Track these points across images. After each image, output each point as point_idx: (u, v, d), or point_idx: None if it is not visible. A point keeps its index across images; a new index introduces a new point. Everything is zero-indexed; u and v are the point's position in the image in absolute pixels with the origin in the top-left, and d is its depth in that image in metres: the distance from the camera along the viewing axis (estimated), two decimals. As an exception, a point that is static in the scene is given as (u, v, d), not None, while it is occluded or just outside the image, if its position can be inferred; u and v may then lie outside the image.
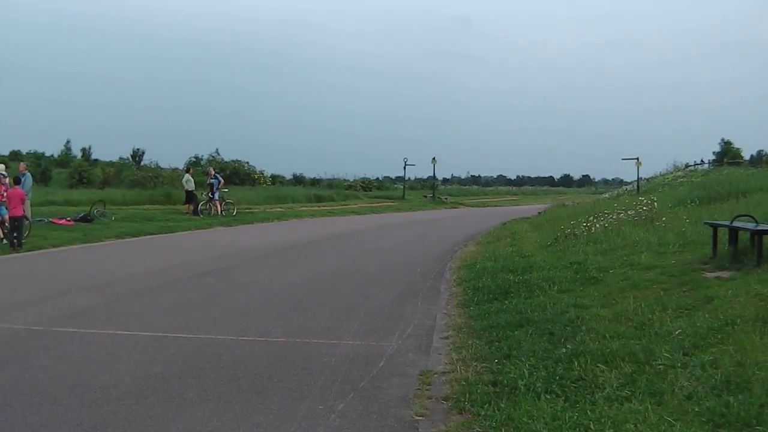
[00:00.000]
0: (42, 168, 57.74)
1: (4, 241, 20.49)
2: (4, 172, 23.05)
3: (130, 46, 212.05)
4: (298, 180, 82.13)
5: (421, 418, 6.32)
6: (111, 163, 68.77)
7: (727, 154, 76.42)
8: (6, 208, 20.43)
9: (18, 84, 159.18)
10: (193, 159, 68.80)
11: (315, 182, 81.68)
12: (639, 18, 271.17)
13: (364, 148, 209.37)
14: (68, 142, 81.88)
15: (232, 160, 68.34)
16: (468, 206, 69.26)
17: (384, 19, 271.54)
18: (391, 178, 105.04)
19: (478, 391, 6.71)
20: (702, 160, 62.69)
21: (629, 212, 20.99)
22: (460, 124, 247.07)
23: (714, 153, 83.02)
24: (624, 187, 55.91)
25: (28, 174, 25.45)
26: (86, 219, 29.19)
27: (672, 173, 50.23)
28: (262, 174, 70.34)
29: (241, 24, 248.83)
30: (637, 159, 46.86)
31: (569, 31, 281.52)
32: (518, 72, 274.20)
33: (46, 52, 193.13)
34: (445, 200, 72.05)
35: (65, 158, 74.85)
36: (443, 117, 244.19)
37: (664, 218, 19.12)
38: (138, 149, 74.79)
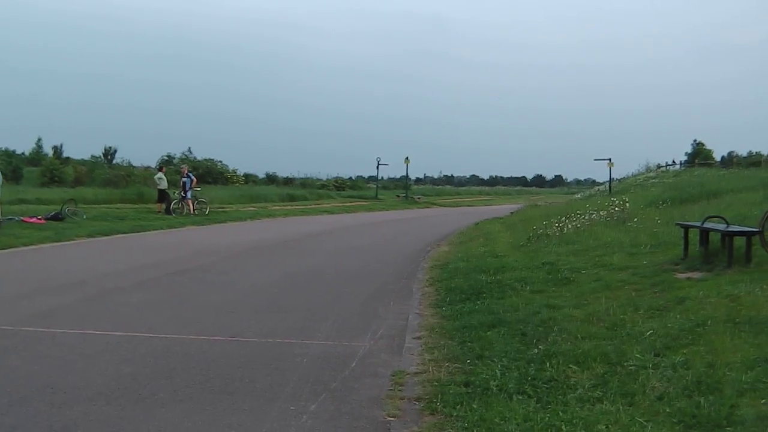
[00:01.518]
0: (13, 166, 57.43)
1: (-26, 239, 20.29)
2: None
3: (102, 43, 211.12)
4: (271, 179, 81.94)
5: (393, 419, 6.31)
6: (83, 162, 68.40)
7: (698, 155, 76.99)
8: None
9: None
10: (166, 157, 68.37)
11: (288, 181, 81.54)
12: (614, 18, 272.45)
13: (337, 147, 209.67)
14: (39, 140, 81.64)
15: (205, 159, 68.30)
16: (441, 206, 69.41)
17: (358, 20, 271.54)
18: (365, 178, 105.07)
19: (451, 391, 6.70)
20: (674, 161, 63.36)
21: (601, 213, 21.13)
22: (433, 123, 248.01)
23: (686, 154, 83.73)
24: (596, 188, 56.32)
25: (-1, 172, 25.27)
26: (57, 218, 28.94)
27: (644, 174, 50.69)
28: (235, 173, 70.34)
29: (216, 23, 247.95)
30: (609, 160, 47.17)
31: (544, 32, 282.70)
32: (492, 72, 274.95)
33: (17, 48, 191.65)
34: (418, 200, 72.22)
35: (36, 156, 74.54)
36: (416, 117, 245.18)
37: (636, 219, 19.27)
38: (110, 147, 74.69)
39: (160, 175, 38.36)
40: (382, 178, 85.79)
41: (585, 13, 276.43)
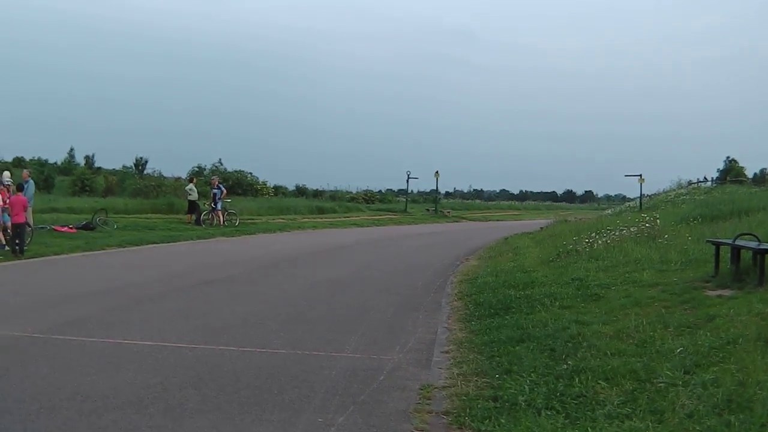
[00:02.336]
0: (45, 175, 57.89)
1: (7, 247, 20.46)
2: (8, 180, 23.11)
3: (134, 50, 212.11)
4: (300, 191, 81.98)
5: (421, 432, 6.31)
6: (114, 172, 68.93)
7: (730, 171, 76.31)
8: (9, 215, 20.45)
9: (22, 90, 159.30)
10: (196, 169, 68.67)
11: (318, 194, 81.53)
12: (647, 42, 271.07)
13: (367, 160, 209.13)
14: (72, 149, 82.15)
15: (235, 171, 68.33)
16: (470, 220, 69.22)
17: (394, 33, 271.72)
18: (394, 191, 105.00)
19: (479, 406, 6.70)
20: (705, 178, 62.80)
21: (632, 229, 20.96)
22: (463, 138, 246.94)
23: (718, 170, 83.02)
24: (627, 204, 55.92)
25: (31, 181, 25.55)
26: (88, 227, 29.20)
27: (675, 190, 50.31)
28: (265, 185, 70.37)
29: (246, 39, 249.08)
30: (640, 176, 46.97)
31: (585, 56, 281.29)
32: (522, 87, 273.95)
33: (52, 58, 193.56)
34: (447, 214, 71.96)
35: (68, 166, 74.97)
36: (447, 131, 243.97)
37: (666, 235, 19.11)
38: (141, 158, 74.87)
39: (190, 186, 38.54)
40: (411, 191, 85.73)
41: (617, 37, 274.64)
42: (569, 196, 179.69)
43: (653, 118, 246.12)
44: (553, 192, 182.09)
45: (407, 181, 76.28)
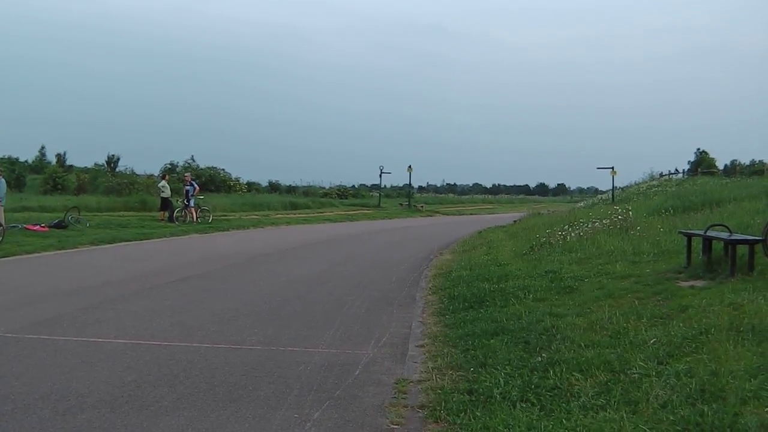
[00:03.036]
0: (16, 174, 57.55)
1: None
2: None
3: (104, 49, 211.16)
4: (273, 187, 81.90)
5: (397, 426, 6.32)
6: (86, 170, 68.46)
7: (701, 163, 76.81)
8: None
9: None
10: (169, 165, 68.31)
11: (291, 189, 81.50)
12: (618, 36, 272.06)
13: (340, 155, 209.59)
14: (43, 147, 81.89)
15: (208, 167, 68.14)
16: (444, 214, 69.37)
17: (365, 31, 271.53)
18: (367, 186, 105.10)
19: (454, 399, 6.72)
20: (677, 170, 63.23)
21: (604, 221, 21.09)
22: (436, 132, 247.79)
23: (689, 162, 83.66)
24: (599, 196, 56.24)
25: (2, 180, 25.34)
26: (61, 225, 29.01)
27: (647, 183, 50.63)
28: (238, 181, 70.30)
29: (221, 32, 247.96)
30: (612, 168, 47.28)
31: (551, 49, 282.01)
32: (494, 81, 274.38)
33: (20, 58, 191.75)
34: (420, 208, 72.12)
35: (40, 164, 74.63)
36: (419, 125, 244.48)
37: (638, 227, 19.26)
38: (113, 155, 74.51)
39: (163, 183, 38.46)
40: (384, 186, 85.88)
41: (588, 30, 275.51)
42: (542, 189, 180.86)
43: (625, 112, 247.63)
44: (526, 185, 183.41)
45: (380, 175, 76.56)
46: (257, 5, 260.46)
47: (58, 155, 79.80)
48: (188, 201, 36.81)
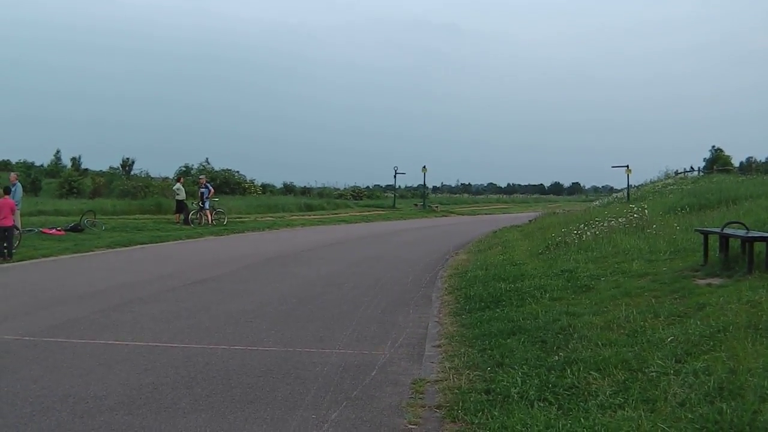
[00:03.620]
0: (32, 178, 57.62)
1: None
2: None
3: (120, 55, 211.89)
4: (288, 189, 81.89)
5: (414, 426, 6.32)
6: (101, 173, 68.57)
7: (717, 161, 76.48)
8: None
9: (7, 93, 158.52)
10: (184, 168, 68.56)
11: (305, 191, 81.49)
12: (630, 29, 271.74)
13: (354, 156, 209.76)
14: (58, 152, 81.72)
15: (223, 169, 68.26)
16: (458, 214, 69.25)
17: (376, 28, 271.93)
18: (382, 187, 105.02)
19: (471, 399, 6.72)
20: (692, 168, 62.93)
21: (620, 220, 21.02)
22: (451, 132, 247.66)
23: (704, 160, 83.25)
24: (614, 195, 55.89)
25: (19, 184, 25.41)
26: (77, 229, 29.15)
27: (662, 181, 50.35)
28: (253, 183, 70.39)
29: (232, 34, 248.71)
30: (627, 167, 46.95)
31: (561, 44, 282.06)
32: (509, 80, 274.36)
33: (35, 61, 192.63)
34: (435, 208, 71.98)
35: (55, 168, 74.64)
36: (434, 126, 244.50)
37: (654, 226, 19.18)
38: (128, 159, 74.41)
39: (178, 185, 38.57)
40: (399, 187, 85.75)
41: (601, 25, 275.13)
42: (557, 189, 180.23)
43: (639, 107, 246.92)
44: (541, 185, 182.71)
45: (395, 176, 76.42)
46: (271, 4, 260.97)
47: (74, 159, 79.75)
48: (203, 203, 36.87)
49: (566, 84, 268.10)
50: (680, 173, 56.09)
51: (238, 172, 69.73)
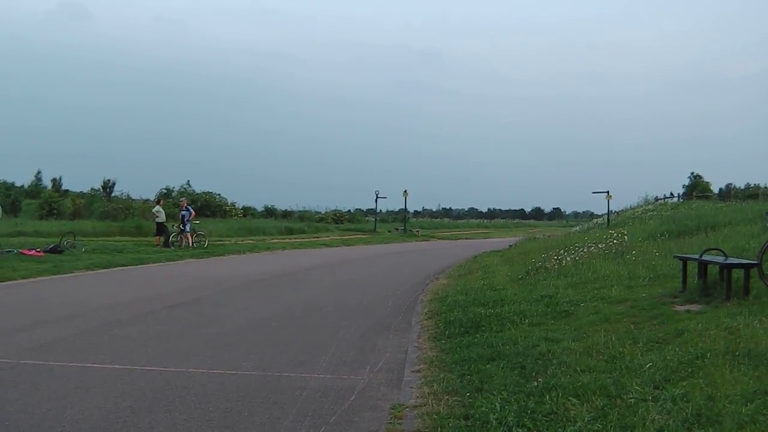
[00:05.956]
0: (12, 198, 57.64)
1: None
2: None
3: (99, 76, 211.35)
4: (269, 212, 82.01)
5: (392, 452, 6.31)
6: (81, 194, 68.55)
7: (696, 187, 76.89)
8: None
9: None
10: (165, 190, 68.58)
11: (286, 214, 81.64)
12: (610, 53, 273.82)
13: (335, 180, 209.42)
14: (39, 172, 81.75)
15: (204, 192, 68.40)
16: (439, 239, 69.37)
17: (355, 53, 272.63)
18: (363, 211, 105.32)
19: (450, 425, 6.70)
20: (672, 194, 63.29)
21: (600, 245, 21.12)
22: (431, 157, 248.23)
23: (684, 186, 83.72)
24: (594, 221, 56.18)
25: (-3, 205, 25.33)
26: (56, 250, 28.97)
27: (642, 207, 50.59)
28: (234, 206, 70.51)
29: (211, 55, 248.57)
30: (608, 192, 47.25)
31: (540, 64, 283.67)
32: (488, 105, 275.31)
33: (14, 80, 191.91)
34: (416, 233, 72.16)
35: (35, 189, 74.61)
36: (414, 150, 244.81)
37: (634, 252, 19.26)
38: (109, 180, 74.47)
39: (158, 208, 38.58)
40: (380, 211, 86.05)
41: (580, 47, 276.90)
42: (538, 214, 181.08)
43: (619, 139, 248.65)
44: (522, 209, 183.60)
45: (376, 200, 76.74)
46: (250, 35, 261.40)
47: (54, 180, 79.85)
48: (184, 226, 36.87)
49: (546, 108, 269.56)
50: (660, 199, 56.43)
51: (219, 194, 69.97)
